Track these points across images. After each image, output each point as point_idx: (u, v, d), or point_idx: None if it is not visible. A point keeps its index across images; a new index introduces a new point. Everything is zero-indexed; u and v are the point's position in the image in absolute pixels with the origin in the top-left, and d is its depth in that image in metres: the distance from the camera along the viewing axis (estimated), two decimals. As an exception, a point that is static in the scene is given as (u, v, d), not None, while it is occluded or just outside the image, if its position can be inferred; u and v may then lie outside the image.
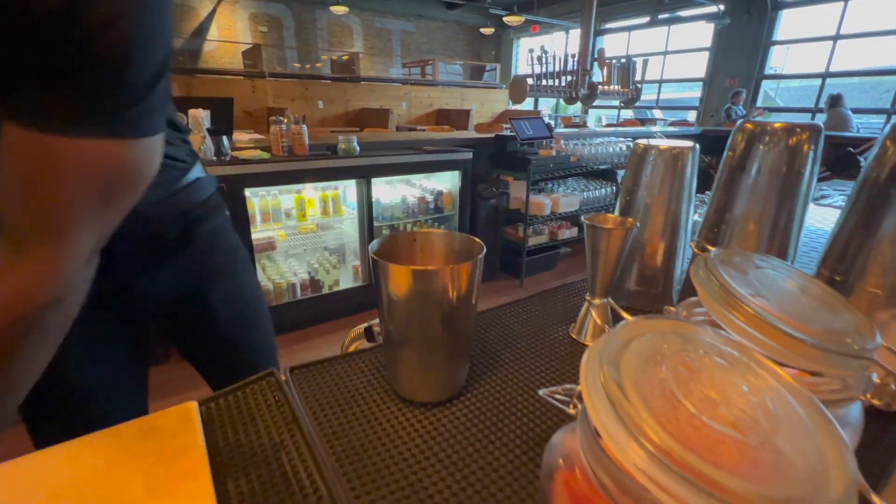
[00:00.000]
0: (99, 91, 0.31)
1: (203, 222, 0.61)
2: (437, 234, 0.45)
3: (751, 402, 0.23)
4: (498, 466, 0.36)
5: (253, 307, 0.71)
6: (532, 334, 0.57)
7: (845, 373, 0.29)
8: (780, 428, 0.21)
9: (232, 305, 0.67)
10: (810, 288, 0.35)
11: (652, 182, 0.60)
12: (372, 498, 0.33)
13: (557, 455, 0.28)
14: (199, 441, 0.36)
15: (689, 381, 0.23)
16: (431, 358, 0.41)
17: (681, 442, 0.20)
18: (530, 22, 7.76)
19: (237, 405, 0.42)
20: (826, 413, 0.22)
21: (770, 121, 0.50)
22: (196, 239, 0.60)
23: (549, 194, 3.00)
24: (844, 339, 0.30)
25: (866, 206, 0.43)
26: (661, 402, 0.22)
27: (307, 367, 0.48)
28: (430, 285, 0.37)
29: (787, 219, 0.50)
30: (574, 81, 3.63)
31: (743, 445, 0.20)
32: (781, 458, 0.20)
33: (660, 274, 0.63)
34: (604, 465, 0.23)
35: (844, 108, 4.71)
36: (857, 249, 0.43)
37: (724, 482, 0.19)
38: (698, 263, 0.36)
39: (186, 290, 0.62)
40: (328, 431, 0.39)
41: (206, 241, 0.62)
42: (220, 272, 0.65)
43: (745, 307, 0.30)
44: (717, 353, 0.25)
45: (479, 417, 0.41)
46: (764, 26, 5.79)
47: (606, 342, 0.25)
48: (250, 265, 0.72)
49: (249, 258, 0.71)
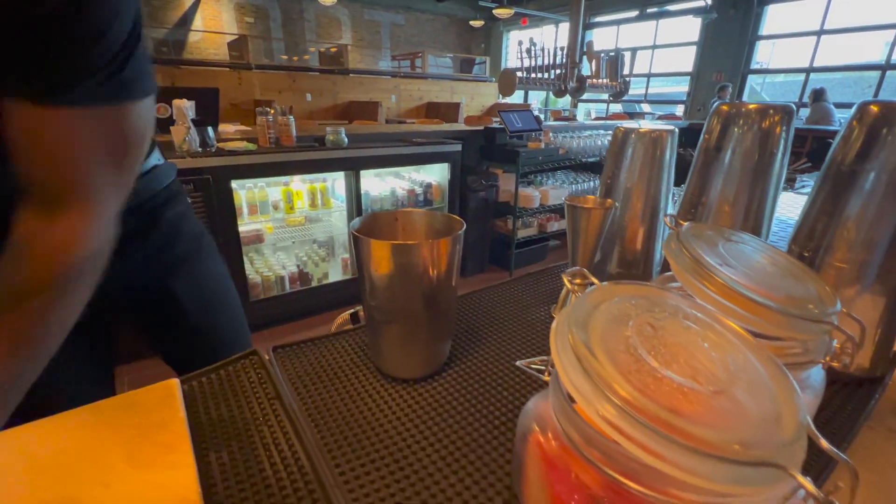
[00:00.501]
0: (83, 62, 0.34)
1: (164, 210, 0.60)
2: (418, 213, 0.46)
3: (711, 357, 0.23)
4: (477, 437, 0.37)
5: (221, 295, 0.70)
6: (515, 314, 0.57)
7: (806, 337, 0.30)
8: (738, 380, 0.22)
9: (198, 293, 0.66)
10: (778, 259, 0.36)
11: (632, 165, 0.61)
12: (352, 466, 0.33)
13: (531, 419, 0.29)
14: (180, 415, 0.36)
15: (653, 338, 0.24)
16: (413, 334, 0.42)
17: (643, 393, 0.21)
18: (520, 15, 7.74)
19: (220, 383, 0.42)
20: (781, 366, 0.23)
21: (744, 102, 0.51)
22: (158, 228, 0.59)
23: (538, 187, 3.01)
24: (807, 306, 0.31)
25: (833, 184, 0.44)
26: (625, 358, 0.22)
27: (291, 347, 0.48)
28: (410, 259, 0.37)
29: (760, 199, 0.52)
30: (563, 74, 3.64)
31: (702, 395, 0.21)
32: (738, 406, 0.21)
33: (640, 256, 0.64)
34: (571, 420, 0.24)
35: (827, 103, 4.79)
36: (824, 226, 0.45)
37: (684, 428, 0.20)
38: (671, 237, 0.37)
39: (150, 280, 0.61)
40: (311, 407, 0.40)
41: (169, 229, 0.61)
42: (183, 260, 0.64)
43: (714, 276, 0.31)
44: (682, 315, 0.26)
45: (459, 392, 0.42)
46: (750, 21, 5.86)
47: (576, 306, 0.26)
48: (216, 253, 0.71)
49: (215, 246, 0.70)
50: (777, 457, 0.19)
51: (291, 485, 0.32)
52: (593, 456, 0.23)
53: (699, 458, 0.19)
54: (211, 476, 0.32)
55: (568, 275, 0.31)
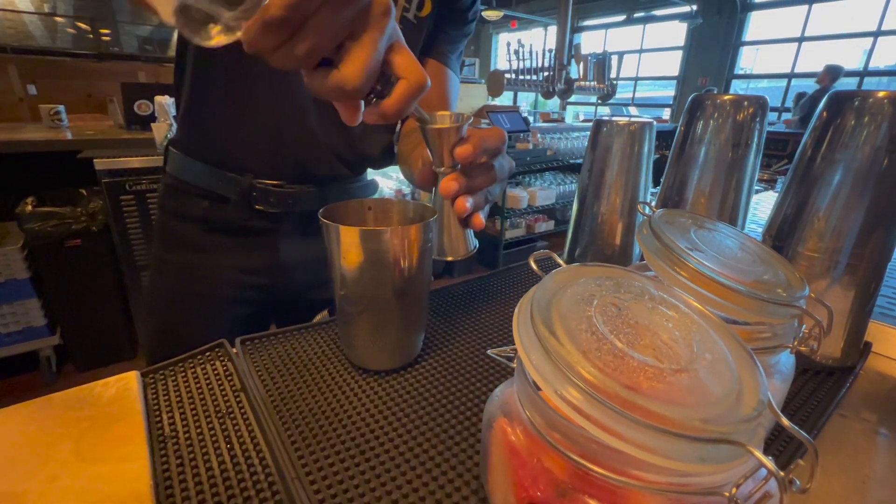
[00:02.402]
0: (462, 41, 0.69)
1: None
2: (390, 201, 0.45)
3: (674, 336, 0.23)
4: (447, 427, 0.36)
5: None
6: (492, 306, 0.57)
7: (775, 321, 0.30)
8: (700, 358, 0.22)
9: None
10: (749, 246, 0.36)
11: (611, 158, 0.61)
12: (316, 458, 0.32)
13: (496, 406, 0.28)
14: (136, 407, 0.34)
15: (616, 318, 0.23)
16: (384, 324, 0.41)
17: (603, 372, 0.20)
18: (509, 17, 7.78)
19: (184, 375, 0.41)
20: (744, 345, 0.23)
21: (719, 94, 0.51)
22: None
23: (526, 187, 3.02)
24: (776, 290, 0.31)
25: (804, 175, 0.45)
26: (587, 337, 0.22)
27: (259, 339, 0.47)
28: (380, 246, 0.36)
29: (735, 191, 0.52)
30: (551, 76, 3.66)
31: (662, 372, 0.21)
32: (700, 385, 0.21)
33: (618, 251, 0.64)
34: (534, 404, 0.23)
35: (809, 108, 4.90)
36: (795, 217, 0.45)
37: (645, 405, 0.19)
38: (643, 224, 0.36)
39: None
40: (277, 400, 0.39)
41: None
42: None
43: (683, 261, 0.31)
44: (648, 296, 0.26)
45: (431, 383, 0.41)
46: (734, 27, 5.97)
47: (540, 287, 0.25)
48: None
49: None
50: (737, 434, 0.18)
51: (251, 477, 0.31)
52: (555, 439, 0.22)
53: (658, 436, 0.18)
54: (167, 469, 0.31)
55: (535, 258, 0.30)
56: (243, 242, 0.62)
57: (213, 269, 0.62)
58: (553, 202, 3.06)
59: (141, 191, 1.72)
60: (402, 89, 0.29)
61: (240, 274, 0.63)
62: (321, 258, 0.68)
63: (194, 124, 0.59)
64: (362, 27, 0.26)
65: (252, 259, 0.63)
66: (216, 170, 0.58)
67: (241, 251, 0.62)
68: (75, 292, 1.73)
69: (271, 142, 0.57)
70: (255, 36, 0.24)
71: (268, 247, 0.63)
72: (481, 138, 0.38)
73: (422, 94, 0.30)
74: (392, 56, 0.29)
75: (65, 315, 1.76)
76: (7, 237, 1.68)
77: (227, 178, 0.58)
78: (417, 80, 0.29)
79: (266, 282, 0.65)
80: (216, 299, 0.63)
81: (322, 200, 0.62)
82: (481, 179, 0.39)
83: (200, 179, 0.59)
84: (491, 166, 0.40)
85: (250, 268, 0.63)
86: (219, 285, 0.62)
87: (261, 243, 0.63)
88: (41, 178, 1.88)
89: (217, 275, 0.62)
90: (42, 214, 1.63)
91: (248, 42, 0.25)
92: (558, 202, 3.11)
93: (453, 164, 0.38)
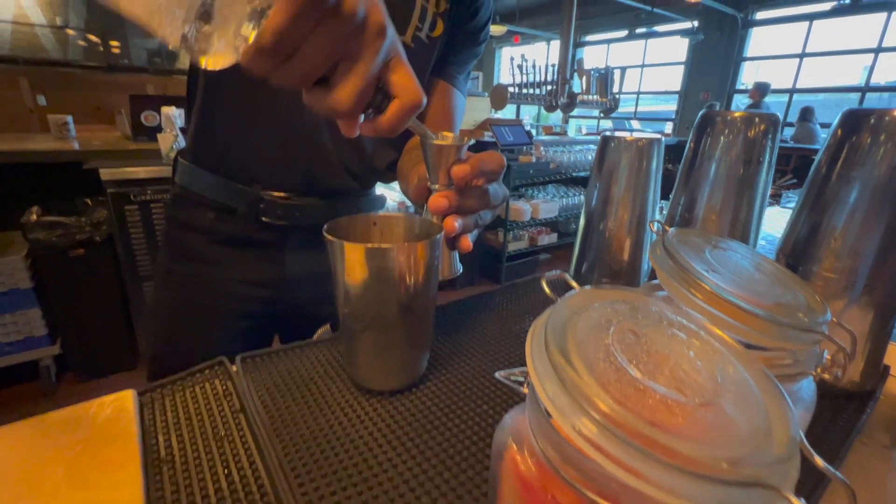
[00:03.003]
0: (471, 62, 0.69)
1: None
2: (396, 217, 0.44)
3: (697, 367, 0.22)
4: (454, 453, 0.35)
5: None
6: (499, 324, 0.56)
7: (796, 346, 0.28)
8: (725, 391, 0.21)
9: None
10: (765, 267, 0.35)
11: (618, 174, 0.60)
12: (317, 486, 0.31)
13: (507, 434, 0.27)
14: (132, 429, 0.33)
15: (635, 346, 0.22)
16: (388, 343, 0.40)
17: (623, 406, 0.19)
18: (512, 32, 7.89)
19: (182, 394, 0.40)
20: (771, 377, 0.22)
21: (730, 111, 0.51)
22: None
23: (528, 200, 3.02)
24: (796, 314, 0.30)
25: (819, 193, 0.44)
26: (604, 367, 0.21)
27: (260, 356, 0.46)
28: (386, 264, 0.36)
29: (747, 207, 0.51)
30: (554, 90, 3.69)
31: (687, 407, 0.20)
32: (726, 420, 0.19)
33: (626, 267, 0.63)
34: (548, 436, 0.22)
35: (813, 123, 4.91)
36: (810, 236, 0.44)
37: (669, 444, 0.18)
38: (656, 243, 0.35)
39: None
40: (277, 421, 0.37)
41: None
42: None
43: (700, 282, 0.30)
44: (666, 322, 0.25)
45: (437, 405, 0.40)
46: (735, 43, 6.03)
47: (553, 311, 0.24)
48: None
49: None
50: (769, 476, 0.17)
51: (249, 506, 0.29)
52: (570, 475, 0.21)
53: (684, 478, 0.17)
54: (161, 496, 0.30)
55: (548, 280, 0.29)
56: (249, 254, 0.62)
57: (218, 280, 0.61)
58: (556, 215, 3.05)
59: (145, 201, 1.72)
60: (396, 108, 0.30)
61: (245, 286, 0.62)
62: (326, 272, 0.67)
63: (206, 136, 0.59)
64: (356, 49, 0.27)
65: (258, 271, 0.62)
66: (225, 181, 0.58)
67: (247, 263, 0.62)
68: (77, 302, 1.72)
69: (283, 155, 0.57)
70: (251, 61, 0.25)
71: (274, 259, 0.62)
72: (480, 161, 0.38)
73: (416, 112, 0.30)
74: (390, 74, 0.29)
75: (66, 325, 1.76)
76: (11, 246, 1.68)
77: (235, 189, 0.58)
78: (412, 100, 0.30)
79: (270, 294, 0.64)
80: (220, 311, 0.62)
81: (330, 214, 0.62)
82: (474, 202, 0.39)
83: (209, 190, 0.59)
84: (485, 190, 0.40)
85: (256, 280, 0.62)
86: (223, 297, 0.62)
87: (267, 256, 0.62)
88: (48, 188, 1.89)
89: (222, 286, 0.61)
90: (47, 224, 1.63)
91: (244, 66, 0.25)
92: (561, 215, 3.11)
93: (448, 183, 0.38)
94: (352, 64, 0.27)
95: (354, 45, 0.26)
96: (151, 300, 0.66)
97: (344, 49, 0.26)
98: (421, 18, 0.57)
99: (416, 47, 0.58)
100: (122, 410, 0.35)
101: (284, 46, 0.24)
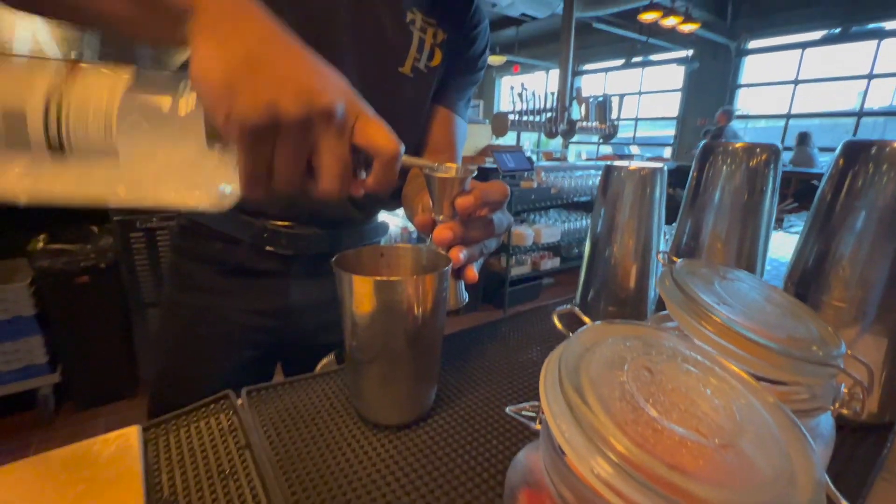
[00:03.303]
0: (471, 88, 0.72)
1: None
2: (403, 248, 0.44)
3: (714, 405, 0.22)
4: (464, 491, 0.34)
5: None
6: (506, 355, 0.55)
7: (813, 381, 0.28)
8: (745, 431, 0.20)
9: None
10: (776, 298, 0.35)
11: (622, 203, 0.61)
12: (324, 528, 0.30)
13: (520, 473, 0.26)
14: (136, 468, 0.33)
15: (650, 384, 0.22)
16: (395, 377, 0.39)
17: (642, 447, 0.19)
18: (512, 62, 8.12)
19: (186, 430, 0.39)
20: (791, 416, 0.21)
21: (732, 142, 0.52)
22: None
23: (530, 225, 3.04)
24: (810, 347, 0.29)
25: (824, 222, 0.44)
26: (621, 406, 0.20)
27: (266, 389, 0.45)
28: (394, 297, 0.36)
29: (752, 236, 0.51)
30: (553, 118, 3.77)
31: (707, 449, 0.19)
32: (747, 462, 0.19)
33: (633, 295, 0.63)
34: (563, 477, 0.21)
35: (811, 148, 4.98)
36: (818, 265, 0.44)
37: (689, 488, 0.17)
38: (665, 274, 0.35)
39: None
40: (283, 458, 0.37)
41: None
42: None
43: (711, 315, 0.30)
44: (681, 358, 0.25)
45: (446, 441, 0.39)
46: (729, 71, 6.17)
47: (566, 348, 0.24)
48: None
49: None
50: (795, 524, 0.16)
51: (254, 550, 0.28)
52: (588, 518, 0.20)
53: (708, 526, 0.16)
54: (164, 540, 0.29)
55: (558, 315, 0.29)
56: (254, 284, 0.62)
57: (223, 310, 0.61)
58: (558, 239, 3.06)
59: (151, 228, 1.74)
60: (377, 169, 0.30)
61: (250, 316, 0.62)
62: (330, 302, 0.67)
63: None
64: (316, 142, 0.28)
65: (263, 301, 0.62)
66: (232, 212, 0.59)
67: (252, 293, 0.62)
68: (79, 329, 1.72)
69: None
70: (245, 191, 0.28)
71: (278, 289, 0.62)
72: (483, 192, 0.38)
73: (397, 161, 0.31)
74: (360, 139, 0.29)
75: (67, 352, 1.74)
76: (17, 273, 1.69)
77: (241, 220, 0.58)
78: (388, 155, 0.30)
79: (275, 324, 0.64)
80: (225, 341, 0.62)
81: (333, 243, 0.62)
82: (478, 232, 0.40)
83: (214, 221, 0.60)
84: (489, 220, 0.40)
85: (261, 310, 0.62)
86: (229, 327, 0.62)
87: (272, 286, 0.62)
88: (57, 216, 1.91)
89: (227, 317, 0.61)
90: (52, 251, 1.64)
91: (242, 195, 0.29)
92: (563, 239, 3.11)
93: (453, 215, 0.38)
94: (320, 155, 0.28)
95: (314, 140, 0.28)
96: (157, 330, 0.66)
97: (309, 146, 0.28)
98: (419, 50, 0.59)
99: (416, 77, 0.60)
100: (127, 448, 0.35)
101: (262, 176, 0.28)
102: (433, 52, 0.61)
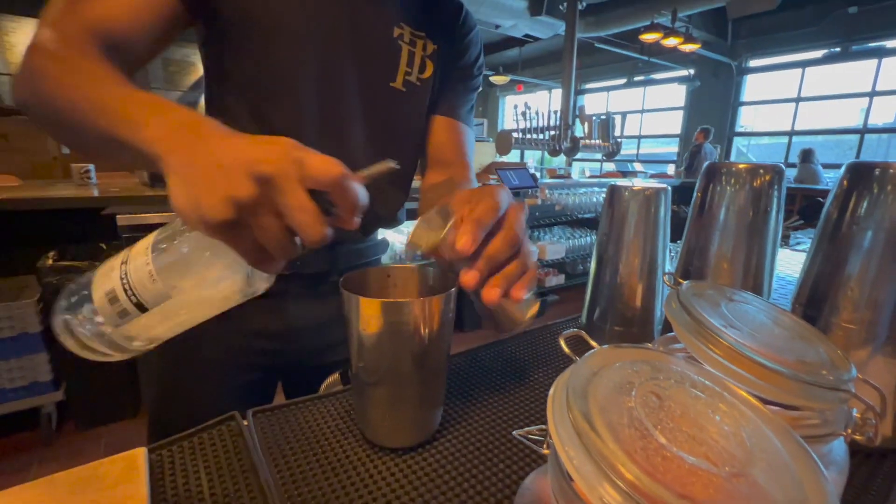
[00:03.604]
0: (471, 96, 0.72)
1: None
2: (411, 269, 0.45)
3: (724, 432, 0.21)
4: (471, 517, 0.33)
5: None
6: (512, 376, 0.55)
7: (824, 405, 0.28)
8: (756, 459, 0.20)
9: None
10: (783, 320, 0.35)
11: (627, 223, 0.61)
12: (329, 554, 0.30)
13: (528, 499, 0.26)
14: (142, 492, 0.32)
15: (659, 410, 0.22)
16: (402, 398, 0.39)
17: (652, 476, 0.19)
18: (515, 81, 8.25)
19: (192, 452, 0.39)
20: (801, 442, 0.21)
21: (736, 162, 0.52)
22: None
23: (535, 242, 3.04)
24: (820, 371, 0.29)
25: (831, 243, 0.44)
26: (629, 433, 0.20)
27: (272, 411, 0.45)
28: (401, 318, 0.36)
29: (758, 256, 0.51)
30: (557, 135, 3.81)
31: (718, 478, 0.19)
32: (759, 492, 0.19)
33: (639, 314, 0.63)
34: (571, 502, 0.21)
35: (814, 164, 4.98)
36: (826, 285, 0.44)
37: (699, 520, 0.17)
38: (672, 297, 0.35)
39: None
40: (288, 481, 0.36)
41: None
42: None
43: (720, 339, 0.30)
44: (689, 383, 0.24)
45: (451, 463, 0.39)
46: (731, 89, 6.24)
47: (574, 372, 0.24)
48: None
49: None
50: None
51: (259, 577, 0.28)
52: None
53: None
54: (168, 566, 0.29)
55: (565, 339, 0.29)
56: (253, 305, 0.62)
57: (223, 332, 0.61)
58: (563, 256, 3.06)
59: (159, 246, 1.75)
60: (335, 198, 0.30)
61: (250, 338, 0.62)
62: (330, 321, 0.66)
63: None
64: (280, 204, 0.28)
65: (262, 322, 0.62)
66: None
67: (251, 314, 0.62)
68: (85, 347, 1.72)
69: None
70: (262, 271, 0.33)
71: (278, 309, 0.62)
72: (476, 223, 0.35)
73: (344, 184, 0.29)
74: (308, 182, 0.29)
75: (71, 370, 1.74)
76: (25, 290, 1.70)
77: None
78: (332, 182, 0.29)
79: (274, 346, 0.63)
80: (224, 363, 0.62)
81: (332, 261, 0.62)
82: (500, 253, 0.36)
83: None
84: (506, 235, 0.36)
85: (261, 330, 0.62)
86: (227, 349, 0.61)
87: (271, 305, 0.62)
88: (68, 234, 1.94)
89: (227, 339, 0.61)
90: (61, 269, 1.66)
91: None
92: (568, 256, 3.11)
93: (464, 258, 0.35)
94: (287, 215, 0.28)
95: (276, 205, 0.28)
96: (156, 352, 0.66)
97: (275, 212, 0.28)
98: (409, 63, 0.59)
99: (408, 91, 0.60)
100: (133, 469, 0.34)
101: (259, 256, 0.30)
102: (424, 64, 0.61)
